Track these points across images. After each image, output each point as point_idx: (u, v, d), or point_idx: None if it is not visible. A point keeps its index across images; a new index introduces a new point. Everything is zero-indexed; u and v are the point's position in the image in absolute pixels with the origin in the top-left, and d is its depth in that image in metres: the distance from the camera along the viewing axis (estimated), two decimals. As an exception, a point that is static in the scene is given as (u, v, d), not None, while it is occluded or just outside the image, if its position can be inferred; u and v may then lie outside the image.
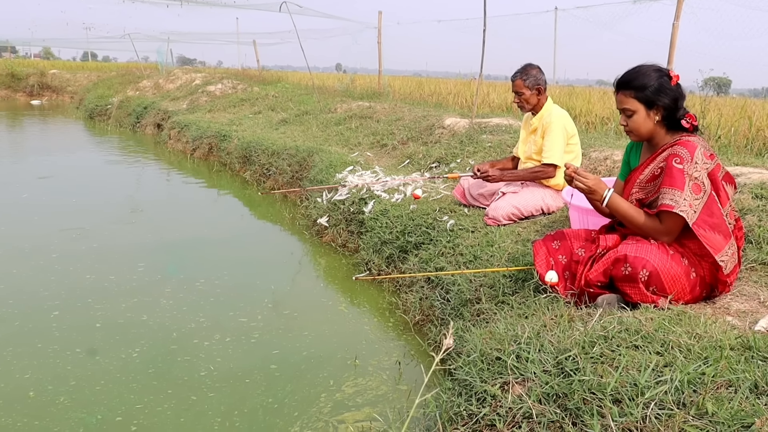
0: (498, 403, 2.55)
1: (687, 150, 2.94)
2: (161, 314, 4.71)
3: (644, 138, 3.15)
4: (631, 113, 3.07)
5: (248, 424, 3.37)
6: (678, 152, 2.96)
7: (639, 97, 3.04)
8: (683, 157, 2.93)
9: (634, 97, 3.05)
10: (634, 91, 3.04)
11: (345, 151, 9.15)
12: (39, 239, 6.43)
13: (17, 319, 4.49)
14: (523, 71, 5.03)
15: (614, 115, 9.53)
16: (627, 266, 2.90)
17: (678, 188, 2.90)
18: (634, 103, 3.05)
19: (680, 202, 2.88)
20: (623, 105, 3.09)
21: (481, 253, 4.50)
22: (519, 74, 5.03)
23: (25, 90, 28.66)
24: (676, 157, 2.95)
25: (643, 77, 3.03)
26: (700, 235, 2.90)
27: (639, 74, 3.05)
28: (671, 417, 1.99)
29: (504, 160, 5.72)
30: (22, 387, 3.62)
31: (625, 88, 3.07)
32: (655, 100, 3.02)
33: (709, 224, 2.93)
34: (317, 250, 6.67)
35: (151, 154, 13.45)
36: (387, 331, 4.66)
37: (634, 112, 3.06)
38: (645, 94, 3.02)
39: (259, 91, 16.59)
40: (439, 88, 15.17)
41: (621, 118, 3.16)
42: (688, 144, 2.97)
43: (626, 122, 3.12)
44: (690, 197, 2.89)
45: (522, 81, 5.00)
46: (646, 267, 2.87)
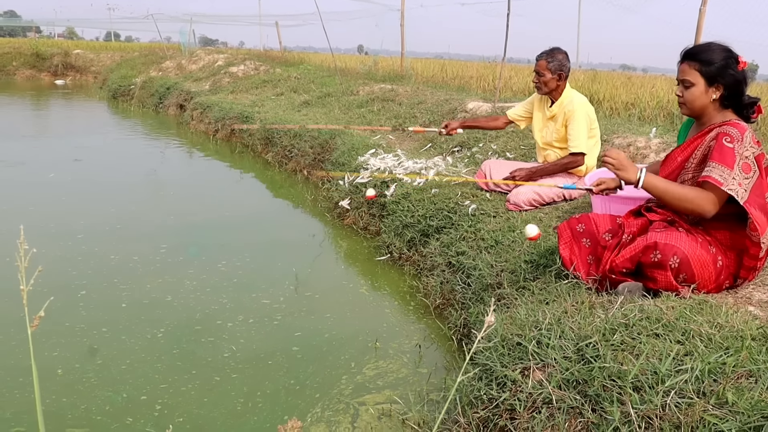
0: (518, 388, 2.58)
1: (737, 130, 2.92)
2: (185, 295, 4.77)
3: (695, 113, 3.12)
4: (690, 85, 3.04)
5: (270, 405, 3.42)
6: (728, 131, 2.93)
7: (702, 71, 3.00)
8: (734, 136, 2.91)
9: (697, 70, 3.01)
10: (699, 63, 3.01)
11: (367, 133, 9.16)
12: (65, 219, 6.52)
13: (42, 298, 4.55)
14: (549, 53, 5.01)
15: (638, 101, 9.46)
16: (657, 253, 2.89)
17: (727, 166, 2.87)
18: (696, 75, 3.02)
19: (729, 180, 2.85)
20: (684, 75, 3.06)
21: (503, 238, 4.51)
22: (545, 55, 5.01)
23: (50, 70, 28.82)
24: (726, 136, 2.92)
25: (711, 53, 3.00)
26: (751, 213, 2.87)
27: (708, 49, 3.03)
28: (691, 406, 2.00)
29: (483, 118, 5.77)
30: (51, 365, 3.69)
31: (690, 59, 3.04)
32: (717, 78, 2.99)
33: (758, 204, 2.91)
34: (339, 232, 6.70)
35: (174, 135, 13.53)
36: (407, 315, 4.70)
37: (693, 84, 3.03)
38: (709, 69, 2.99)
39: (281, 73, 16.60)
40: (461, 71, 15.10)
41: (677, 89, 3.13)
42: (738, 125, 2.95)
43: (682, 93, 3.09)
44: (740, 176, 2.86)
45: (546, 62, 4.98)
46: (676, 254, 2.85)
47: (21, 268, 1.05)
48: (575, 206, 4.84)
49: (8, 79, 27.41)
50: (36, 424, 2.99)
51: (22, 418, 3.18)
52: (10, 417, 3.19)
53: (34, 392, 1.02)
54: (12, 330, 4.08)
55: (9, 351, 3.83)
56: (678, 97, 3.13)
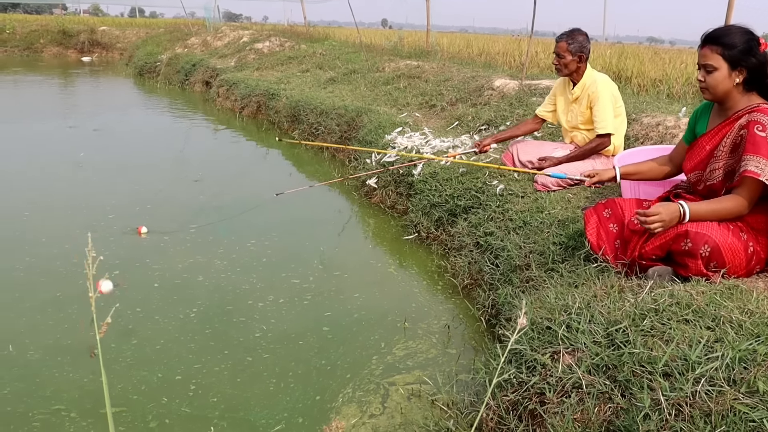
0: (548, 372, 2.61)
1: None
2: (216, 275, 4.84)
3: (718, 98, 3.09)
4: (713, 69, 3.01)
5: (302, 385, 3.47)
6: (760, 119, 2.91)
7: (725, 55, 2.98)
8: (765, 124, 2.89)
9: (719, 54, 2.99)
10: (721, 47, 2.98)
11: (393, 111, 9.16)
12: (96, 199, 6.61)
13: (80, 278, 4.63)
14: (569, 35, 4.98)
15: (666, 77, 9.36)
16: (687, 242, 2.89)
17: (763, 156, 2.86)
18: (719, 59, 2.99)
19: (765, 170, 2.85)
20: (706, 60, 3.03)
21: (531, 218, 4.52)
22: (565, 37, 4.99)
23: (76, 47, 28.94)
24: (758, 125, 2.90)
25: (733, 36, 2.98)
26: None
27: (729, 32, 3.00)
28: (721, 394, 2.02)
29: (513, 128, 5.73)
30: (87, 344, 3.77)
31: (712, 43, 3.01)
32: (740, 61, 2.96)
33: None
34: (366, 211, 6.74)
35: (201, 112, 13.60)
36: (436, 295, 4.73)
37: (716, 69, 3.00)
38: (732, 53, 2.96)
39: (306, 49, 16.58)
40: (487, 46, 15.00)
41: (699, 74, 3.10)
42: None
43: (704, 78, 3.06)
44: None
45: (566, 44, 4.96)
46: (708, 243, 2.85)
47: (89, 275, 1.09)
48: (604, 186, 4.83)
49: (36, 56, 27.61)
50: (75, 400, 3.08)
51: (61, 396, 3.27)
52: (50, 395, 3.27)
53: (103, 388, 1.07)
54: (50, 310, 4.17)
55: (47, 330, 3.92)
56: (700, 82, 3.10)
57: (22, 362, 3.56)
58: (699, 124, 3.32)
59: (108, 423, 1.14)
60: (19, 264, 4.85)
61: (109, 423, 1.08)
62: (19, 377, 3.42)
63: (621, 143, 5.11)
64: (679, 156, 3.47)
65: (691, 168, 3.25)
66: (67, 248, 5.18)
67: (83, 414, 3.13)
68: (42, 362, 3.57)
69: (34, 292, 4.43)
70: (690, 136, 3.39)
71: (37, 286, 4.52)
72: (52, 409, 3.16)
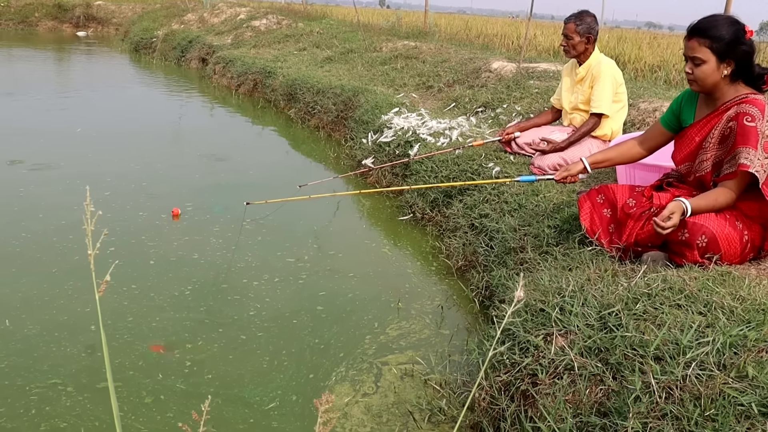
0: (540, 354, 2.64)
1: (757, 108, 2.91)
2: (211, 253, 4.85)
3: (707, 90, 3.08)
4: (700, 62, 2.99)
5: (296, 363, 3.50)
6: (748, 111, 2.92)
7: (713, 48, 2.96)
8: (754, 115, 2.90)
9: (707, 47, 2.97)
10: (709, 40, 2.96)
11: (390, 91, 9.14)
12: (92, 176, 6.60)
13: (76, 254, 4.65)
14: (578, 16, 4.99)
15: (664, 63, 9.36)
16: (685, 232, 2.90)
17: (752, 147, 2.87)
18: (706, 52, 2.97)
19: (755, 161, 2.85)
20: (694, 53, 3.01)
21: (526, 201, 4.54)
22: (573, 18, 5.00)
23: (72, 21, 28.74)
24: (747, 116, 2.91)
25: (720, 27, 2.95)
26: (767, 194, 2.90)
27: (716, 23, 2.97)
28: (711, 378, 2.05)
29: (535, 117, 5.72)
30: (84, 321, 3.78)
31: (700, 36, 2.99)
32: (728, 53, 2.95)
33: None
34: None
35: (197, 89, 13.56)
36: (430, 275, 4.76)
37: (704, 61, 2.98)
38: (720, 45, 2.94)
39: (303, 27, 16.50)
40: (485, 28, 14.97)
41: (687, 66, 3.08)
42: (756, 102, 2.93)
43: (692, 70, 3.04)
44: (761, 156, 2.87)
45: (575, 25, 4.97)
46: (705, 233, 2.87)
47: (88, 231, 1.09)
48: (600, 171, 4.84)
49: (31, 30, 27.42)
50: (72, 375, 3.10)
51: (58, 370, 3.29)
52: (47, 369, 3.29)
53: (104, 359, 1.08)
54: (45, 285, 4.18)
55: (43, 306, 3.94)
56: (687, 74, 3.08)
57: (19, 337, 3.57)
58: (685, 112, 3.31)
59: (110, 395, 1.15)
60: (15, 239, 4.85)
61: (111, 393, 1.09)
62: (17, 352, 3.43)
63: (619, 129, 5.13)
64: (653, 139, 3.47)
65: (681, 159, 3.27)
66: (64, 224, 5.18)
67: (80, 388, 3.15)
68: (39, 337, 3.59)
69: (30, 267, 4.44)
70: (672, 120, 3.38)
71: (33, 261, 4.53)
72: (49, 383, 3.18)
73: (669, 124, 3.39)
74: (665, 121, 3.41)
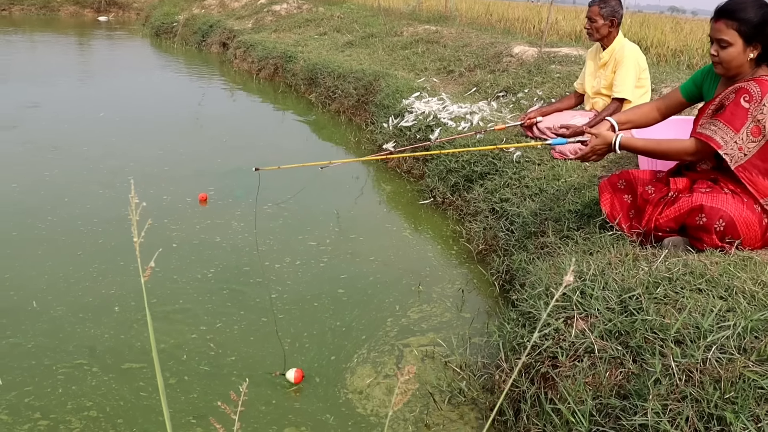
0: (561, 337, 2.65)
1: (760, 89, 2.87)
2: (233, 236, 4.90)
3: (731, 73, 3.02)
4: (727, 45, 2.94)
5: (318, 346, 3.54)
6: (750, 89, 2.88)
7: (740, 30, 2.90)
8: (753, 95, 2.86)
9: (735, 29, 2.91)
10: (737, 22, 2.90)
11: (411, 76, 9.13)
12: (117, 161, 6.65)
13: (101, 237, 4.72)
14: (602, 0, 4.97)
15: (686, 48, 9.28)
16: (702, 216, 2.90)
17: (734, 129, 2.86)
18: (734, 35, 2.92)
19: (729, 143, 2.85)
20: (720, 35, 2.95)
21: (547, 186, 4.55)
22: (598, 1, 4.98)
23: (93, 6, 28.82)
24: (746, 94, 2.88)
25: (747, 10, 2.89)
26: (744, 177, 2.89)
27: (744, 6, 2.90)
28: (732, 361, 2.06)
29: (557, 102, 5.69)
30: (108, 302, 3.85)
31: (727, 17, 2.93)
32: (756, 36, 2.89)
33: (759, 169, 2.91)
34: (382, 175, 6.77)
35: (218, 74, 13.61)
36: (450, 259, 4.78)
37: (731, 44, 2.93)
38: (747, 27, 2.89)
39: (324, 12, 16.49)
40: (507, 12, 14.86)
41: (712, 48, 3.02)
42: (764, 83, 2.90)
43: (717, 52, 2.99)
44: (745, 140, 2.85)
45: (599, 8, 4.95)
46: (723, 218, 2.86)
47: (133, 221, 1.13)
48: (620, 155, 4.83)
49: (53, 15, 27.55)
50: (97, 356, 3.16)
51: (82, 351, 3.35)
52: (73, 350, 3.36)
53: (150, 338, 1.12)
54: (71, 268, 4.25)
55: (68, 288, 4.00)
56: (713, 56, 3.03)
57: (46, 318, 3.64)
58: (707, 86, 3.27)
59: (156, 371, 1.19)
60: (42, 223, 4.92)
61: (156, 369, 1.13)
62: (43, 332, 3.50)
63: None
64: (671, 107, 3.45)
65: None
66: (89, 208, 5.25)
67: (105, 369, 3.21)
68: (64, 318, 3.65)
69: (55, 250, 4.51)
70: (693, 90, 3.35)
71: (58, 244, 4.60)
72: (74, 363, 3.24)
73: (688, 93, 3.36)
74: (685, 89, 3.38)
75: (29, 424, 2.81)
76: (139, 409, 2.94)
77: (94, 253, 4.47)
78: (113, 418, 2.87)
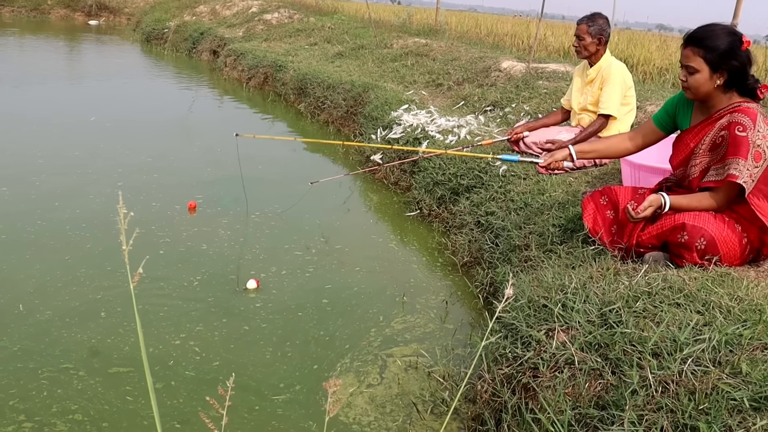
0: (542, 348, 2.70)
1: (749, 117, 2.94)
2: (220, 244, 4.92)
3: (700, 98, 3.11)
4: (694, 71, 3.02)
5: (300, 354, 3.57)
6: (740, 120, 2.95)
7: (706, 58, 2.97)
8: (746, 125, 2.93)
9: (701, 57, 2.98)
10: (703, 50, 2.98)
11: (400, 88, 9.20)
12: (106, 167, 6.66)
13: (89, 242, 4.74)
14: (590, 18, 5.06)
15: (672, 66, 9.40)
16: (684, 234, 2.96)
17: (742, 157, 2.90)
18: (700, 62, 2.99)
19: (743, 171, 2.89)
20: (688, 61, 3.04)
21: (532, 200, 4.61)
22: (586, 20, 5.07)
23: (84, 10, 28.83)
24: (739, 126, 2.94)
25: (715, 38, 2.96)
26: (753, 203, 2.94)
27: (712, 34, 2.98)
28: (706, 374, 2.12)
29: (544, 117, 5.77)
30: (95, 307, 3.86)
31: (695, 45, 3.01)
32: (721, 64, 2.96)
33: (764, 193, 2.97)
34: (369, 186, 6.82)
35: (207, 81, 13.65)
36: (435, 271, 4.83)
37: (698, 71, 3.00)
38: (713, 55, 2.96)
39: (315, 22, 16.57)
40: (496, 27, 15.00)
41: (681, 73, 3.11)
42: (749, 111, 2.96)
43: (686, 78, 3.07)
44: (751, 166, 2.91)
45: (587, 26, 5.04)
46: (704, 236, 2.92)
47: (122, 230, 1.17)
48: (605, 171, 4.91)
49: (43, 18, 27.55)
50: (83, 360, 3.18)
51: (69, 355, 3.37)
52: (59, 354, 3.37)
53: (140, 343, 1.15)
54: (58, 272, 4.27)
55: (55, 292, 4.02)
56: (682, 81, 3.11)
57: (32, 321, 3.66)
58: (680, 115, 3.34)
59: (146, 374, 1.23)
60: (31, 227, 4.94)
61: (146, 371, 1.16)
62: (29, 336, 3.51)
63: (627, 131, 5.18)
64: (644, 136, 3.50)
65: (676, 164, 3.32)
66: (78, 213, 5.27)
67: (91, 373, 3.23)
68: (51, 322, 3.67)
69: (43, 254, 4.52)
70: (666, 120, 3.40)
71: (46, 248, 4.61)
72: (60, 368, 3.26)
73: (662, 124, 3.42)
74: (658, 120, 3.44)
75: (13, 426, 2.83)
76: (124, 413, 2.96)
77: (81, 258, 4.49)
78: (98, 422, 2.89)
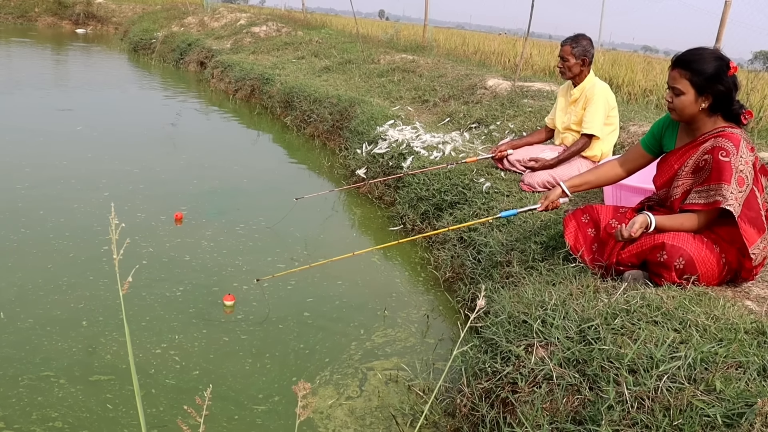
0: (521, 363, 2.73)
1: (732, 143, 2.98)
2: (203, 256, 4.92)
3: (685, 120, 3.16)
4: (680, 93, 3.07)
5: (279, 366, 3.58)
6: (723, 145, 3.00)
7: (692, 81, 3.03)
8: (729, 150, 2.98)
9: (687, 79, 3.04)
10: (690, 73, 3.03)
11: (386, 104, 9.24)
12: (92, 177, 6.64)
13: (72, 251, 4.73)
14: (574, 39, 5.12)
15: (656, 87, 9.51)
16: (663, 253, 3.00)
17: (726, 182, 2.94)
18: (686, 84, 3.04)
19: (728, 196, 2.93)
20: (675, 83, 3.09)
21: (515, 218, 4.64)
22: (570, 41, 5.12)
23: (71, 18, 28.85)
24: (722, 151, 2.99)
25: (702, 62, 3.01)
26: (742, 228, 2.98)
27: (700, 57, 3.03)
28: (681, 390, 2.15)
29: (528, 136, 5.82)
30: (77, 316, 3.86)
31: (682, 67, 3.06)
32: (707, 88, 3.01)
33: (748, 217, 3.02)
34: (354, 200, 6.85)
35: (194, 93, 13.64)
36: (417, 286, 4.85)
37: (683, 93, 3.05)
38: (700, 79, 3.01)
39: (303, 36, 16.63)
40: (483, 45, 15.11)
41: (667, 94, 3.16)
42: (732, 136, 3.00)
43: (672, 99, 3.12)
44: (735, 190, 2.95)
45: (571, 48, 5.10)
46: (683, 256, 2.96)
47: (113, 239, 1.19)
48: (587, 191, 4.95)
49: (30, 25, 27.52)
50: (64, 368, 3.17)
51: (50, 363, 3.36)
52: (39, 362, 3.37)
53: (128, 353, 1.17)
54: (40, 280, 4.26)
55: (38, 300, 4.01)
56: (668, 102, 3.17)
57: (12, 329, 3.65)
58: (666, 137, 3.39)
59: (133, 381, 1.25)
60: (14, 235, 4.93)
61: (133, 378, 1.18)
62: (10, 343, 3.51)
63: (609, 150, 5.24)
64: (633, 161, 3.55)
65: (660, 185, 3.36)
66: (62, 222, 5.26)
67: (72, 381, 3.23)
68: (32, 330, 3.66)
69: (26, 262, 4.52)
70: (653, 143, 3.46)
71: (29, 256, 4.60)
72: (41, 375, 3.26)
73: (650, 147, 3.48)
74: (646, 144, 3.49)
75: (-8, 433, 2.82)
76: (105, 421, 2.96)
77: (64, 267, 4.48)
78: (78, 429, 2.89)
